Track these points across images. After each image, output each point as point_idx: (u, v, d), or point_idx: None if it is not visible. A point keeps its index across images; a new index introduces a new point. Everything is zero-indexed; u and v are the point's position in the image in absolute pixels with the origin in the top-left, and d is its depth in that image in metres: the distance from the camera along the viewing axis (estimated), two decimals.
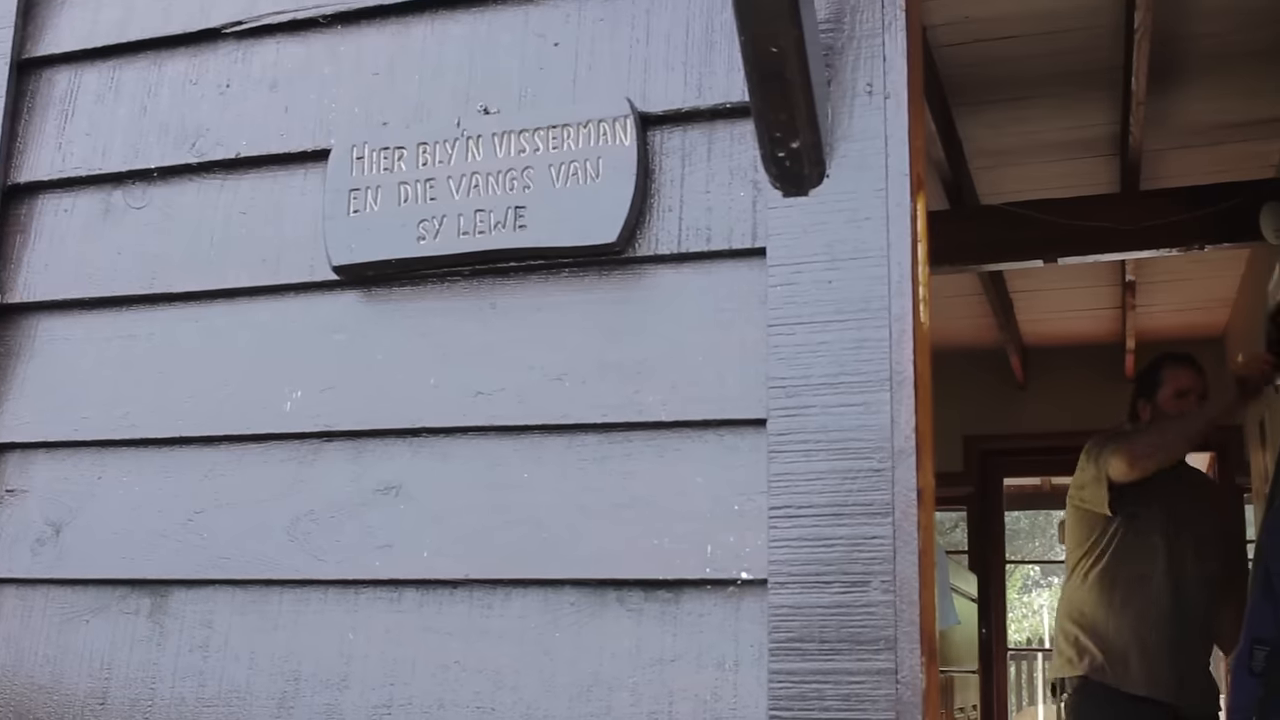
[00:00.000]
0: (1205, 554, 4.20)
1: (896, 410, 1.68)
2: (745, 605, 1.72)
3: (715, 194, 1.84)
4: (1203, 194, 5.26)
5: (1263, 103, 4.86)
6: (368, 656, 1.87)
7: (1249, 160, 5.46)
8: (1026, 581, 18.34)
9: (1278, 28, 4.44)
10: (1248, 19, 4.41)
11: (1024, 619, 17.81)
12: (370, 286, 1.99)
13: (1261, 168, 5.49)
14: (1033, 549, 15.51)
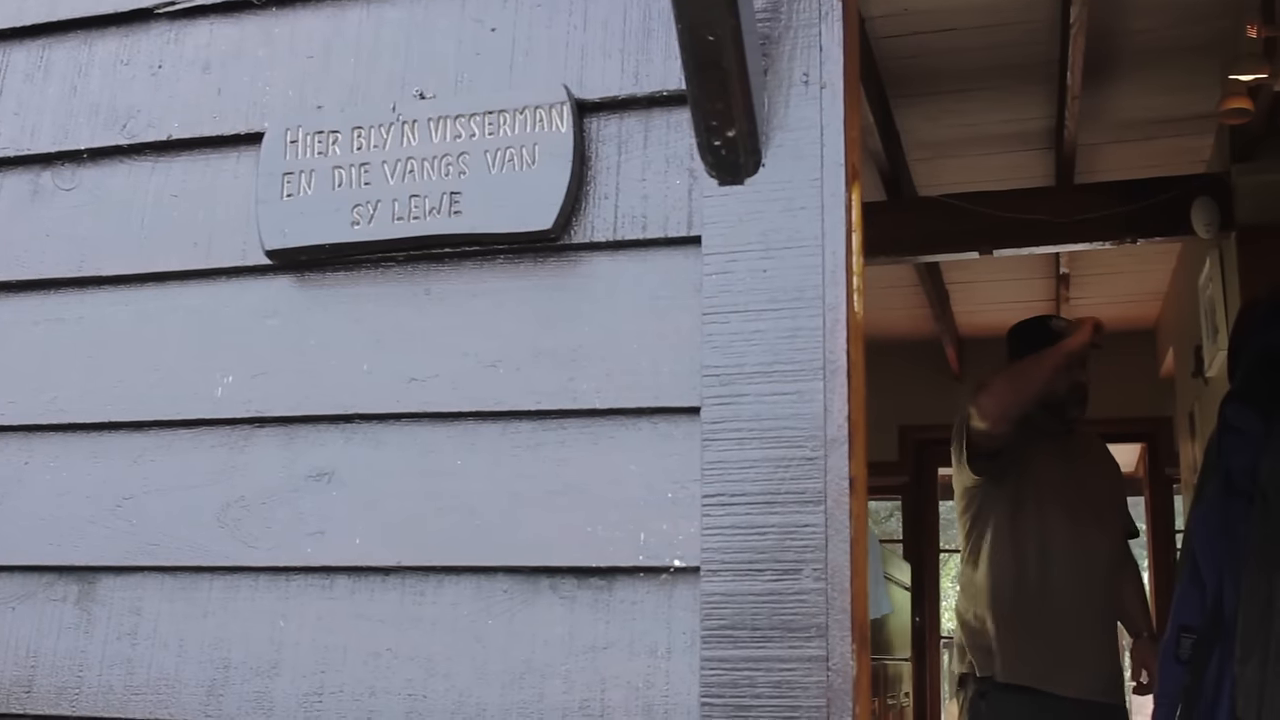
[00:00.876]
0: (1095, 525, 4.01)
1: (830, 399, 1.68)
2: (678, 593, 1.72)
3: (651, 182, 1.84)
4: (1136, 188, 5.33)
5: (1195, 98, 4.92)
6: (299, 644, 1.86)
7: (1181, 155, 5.53)
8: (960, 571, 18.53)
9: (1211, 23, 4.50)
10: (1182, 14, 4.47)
11: None
12: (303, 271, 1.97)
13: (1193, 163, 5.57)
14: None
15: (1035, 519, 3.93)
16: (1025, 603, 3.90)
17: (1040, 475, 3.98)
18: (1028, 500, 3.96)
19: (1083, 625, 3.90)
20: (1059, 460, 4.02)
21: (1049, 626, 3.87)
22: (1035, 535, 3.93)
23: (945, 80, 4.94)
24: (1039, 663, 3.85)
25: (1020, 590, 3.90)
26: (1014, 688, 3.86)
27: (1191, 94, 4.95)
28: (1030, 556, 3.92)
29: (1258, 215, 4.88)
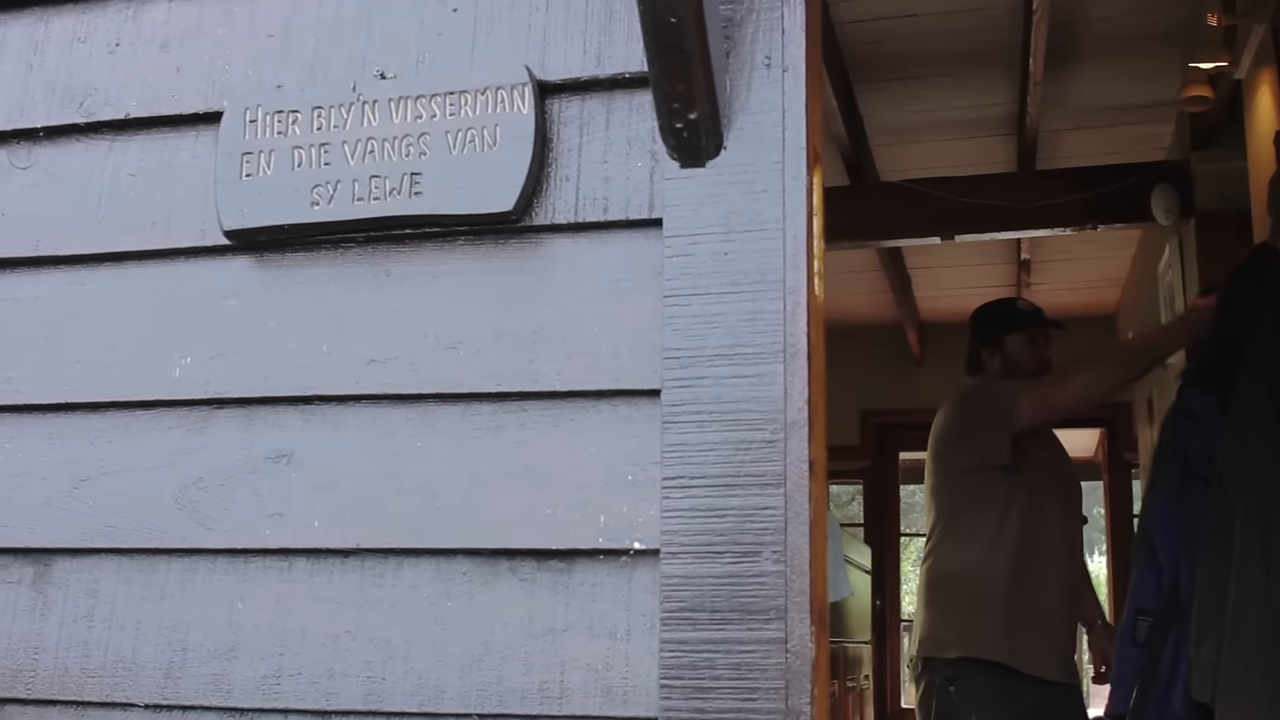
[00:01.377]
0: (1075, 510, 4.01)
1: (790, 382, 1.68)
2: (637, 575, 1.72)
3: (613, 164, 1.83)
4: (1097, 175, 5.36)
5: (1156, 85, 4.95)
6: (257, 626, 1.85)
7: (1142, 142, 5.56)
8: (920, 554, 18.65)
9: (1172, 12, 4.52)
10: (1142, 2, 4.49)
11: None
12: (263, 252, 1.96)
13: (1154, 150, 5.60)
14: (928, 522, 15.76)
15: (1039, 504, 3.89)
16: (1024, 584, 3.84)
17: (1039, 460, 3.94)
18: (1032, 485, 3.90)
19: (1068, 609, 3.91)
20: (1044, 445, 4.01)
21: (1042, 608, 3.83)
22: (1039, 520, 3.89)
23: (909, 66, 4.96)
24: (1026, 643, 3.80)
25: (1021, 572, 3.85)
26: (990, 665, 3.80)
27: (1152, 81, 4.98)
28: (1034, 540, 3.87)
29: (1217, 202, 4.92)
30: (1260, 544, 2.76)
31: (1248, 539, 2.79)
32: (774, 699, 1.63)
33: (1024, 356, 3.98)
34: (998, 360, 4.04)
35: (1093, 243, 6.79)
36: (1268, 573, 2.73)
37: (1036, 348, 3.99)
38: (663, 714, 1.66)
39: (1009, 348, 4.00)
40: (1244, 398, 2.92)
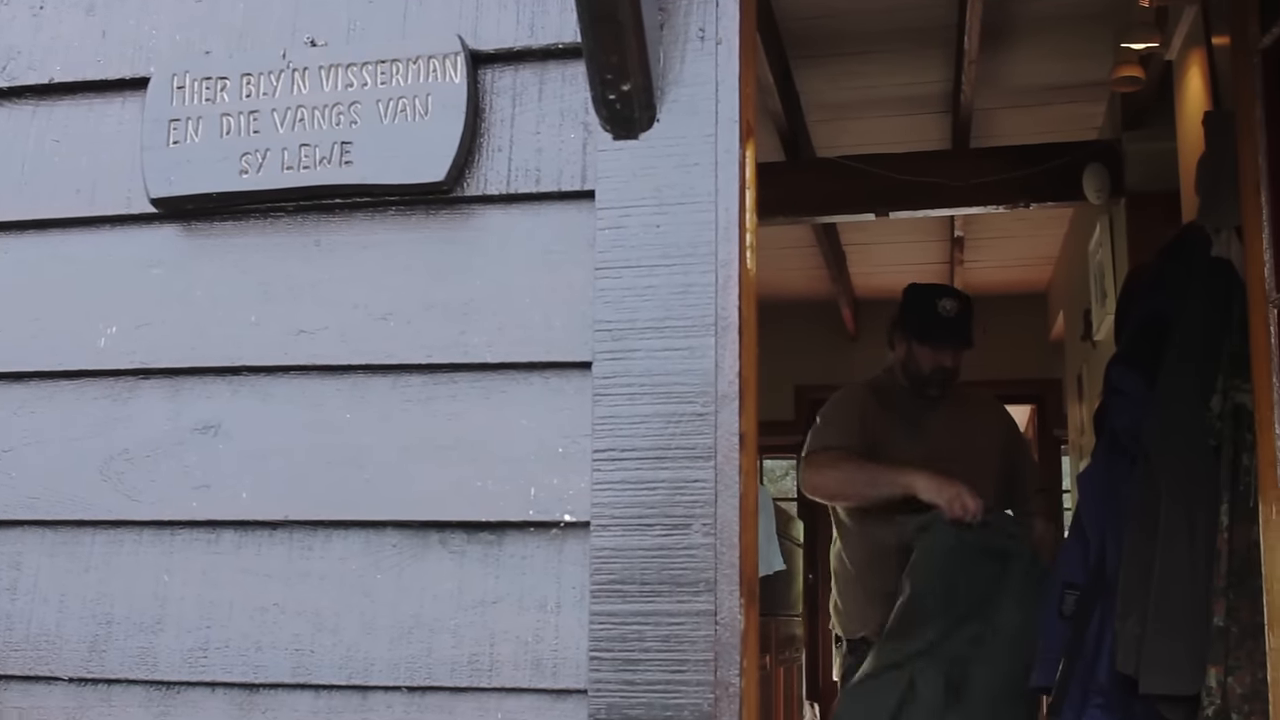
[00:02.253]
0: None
1: (721, 355, 1.69)
2: (568, 547, 1.72)
3: (546, 135, 1.82)
4: (1030, 153, 5.39)
5: (1089, 65, 4.98)
6: (184, 599, 1.84)
7: (1075, 122, 5.60)
8: None
9: None
10: None
11: None
12: (190, 220, 1.93)
13: (1086, 129, 5.64)
14: None
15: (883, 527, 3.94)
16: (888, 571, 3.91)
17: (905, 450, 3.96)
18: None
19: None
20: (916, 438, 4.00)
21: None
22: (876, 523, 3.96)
23: (845, 42, 4.96)
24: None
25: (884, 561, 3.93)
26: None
27: (1085, 61, 5.01)
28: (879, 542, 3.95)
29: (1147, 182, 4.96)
30: (1184, 519, 2.80)
31: (1172, 514, 2.83)
32: (703, 671, 1.64)
33: (924, 362, 4.01)
34: (903, 350, 4.08)
35: (1025, 221, 6.84)
36: (1191, 547, 2.78)
37: (940, 358, 4.00)
38: (592, 686, 1.66)
39: (915, 349, 4.03)
40: (1170, 375, 2.96)
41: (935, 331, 3.98)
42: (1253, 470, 2.48)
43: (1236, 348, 2.67)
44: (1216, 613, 2.66)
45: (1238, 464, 2.69)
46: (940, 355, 3.99)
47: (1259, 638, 2.42)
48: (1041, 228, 7.11)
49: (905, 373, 4.07)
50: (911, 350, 4.03)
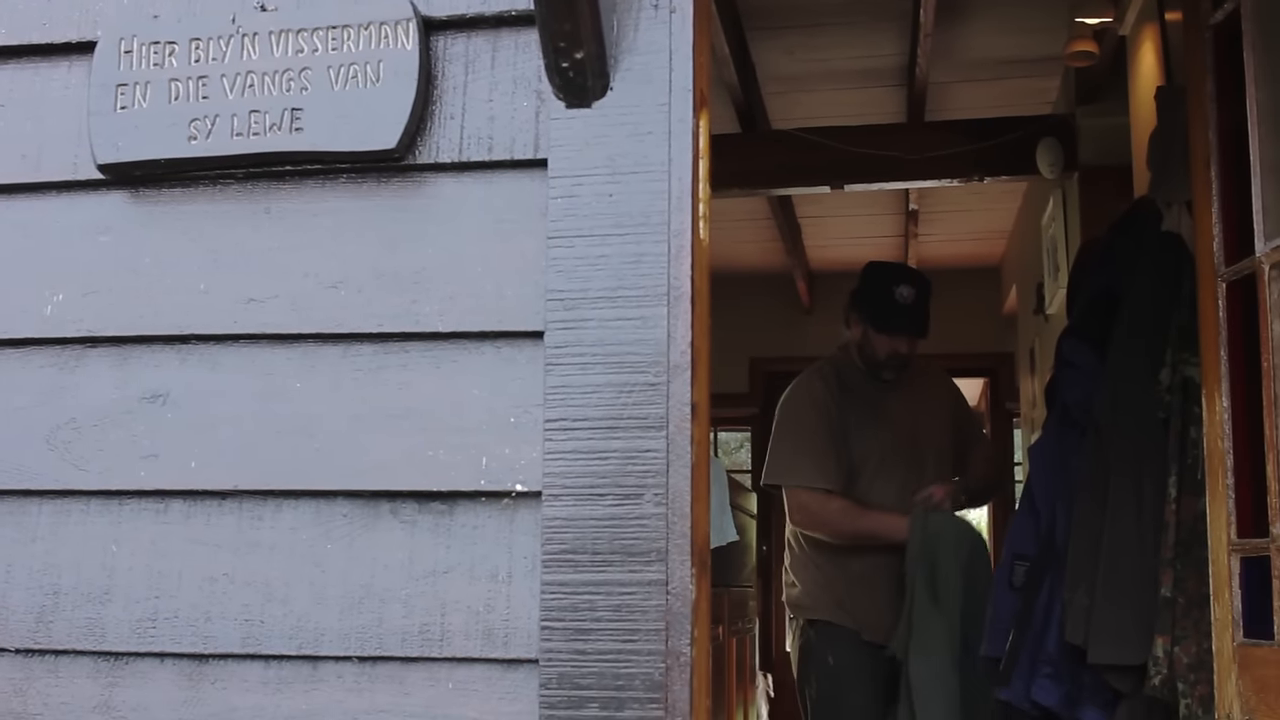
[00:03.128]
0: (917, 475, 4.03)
1: (673, 325, 1.68)
2: (519, 517, 1.72)
3: (498, 103, 1.81)
4: (984, 127, 5.40)
5: (1043, 40, 4.99)
6: (132, 569, 1.82)
7: (1029, 96, 5.62)
8: None
9: None
10: None
11: None
12: (138, 187, 1.91)
13: (1040, 104, 5.66)
14: None
15: (867, 480, 4.01)
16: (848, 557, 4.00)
17: (868, 437, 4.03)
18: (859, 463, 4.01)
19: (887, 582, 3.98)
20: (878, 424, 4.04)
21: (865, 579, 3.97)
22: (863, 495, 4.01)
23: (801, 14, 4.95)
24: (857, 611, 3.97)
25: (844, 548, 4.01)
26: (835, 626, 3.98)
27: (1039, 36, 5.02)
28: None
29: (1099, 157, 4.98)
30: (1133, 491, 2.83)
31: (1121, 486, 2.85)
32: (654, 640, 1.64)
33: (880, 347, 4.03)
34: (859, 333, 4.09)
35: (979, 194, 6.87)
36: (1139, 519, 2.80)
37: (895, 345, 4.02)
38: (543, 655, 1.67)
39: (870, 335, 4.04)
40: (1120, 349, 2.98)
41: (892, 319, 3.99)
42: (1200, 443, 2.51)
43: (1185, 322, 2.69)
44: (1163, 583, 2.69)
45: (1185, 437, 2.72)
46: (896, 342, 4.01)
47: (1205, 608, 2.44)
48: (995, 201, 7.14)
49: (861, 355, 4.09)
50: (867, 335, 4.04)
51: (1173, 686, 2.62)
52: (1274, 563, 2.12)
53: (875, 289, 4.05)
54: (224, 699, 1.78)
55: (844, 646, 3.96)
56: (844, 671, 3.95)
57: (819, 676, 4.01)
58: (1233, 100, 2.35)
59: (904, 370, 4.09)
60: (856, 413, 4.03)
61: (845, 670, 3.95)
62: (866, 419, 4.03)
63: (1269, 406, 2.16)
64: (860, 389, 4.08)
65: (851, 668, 3.94)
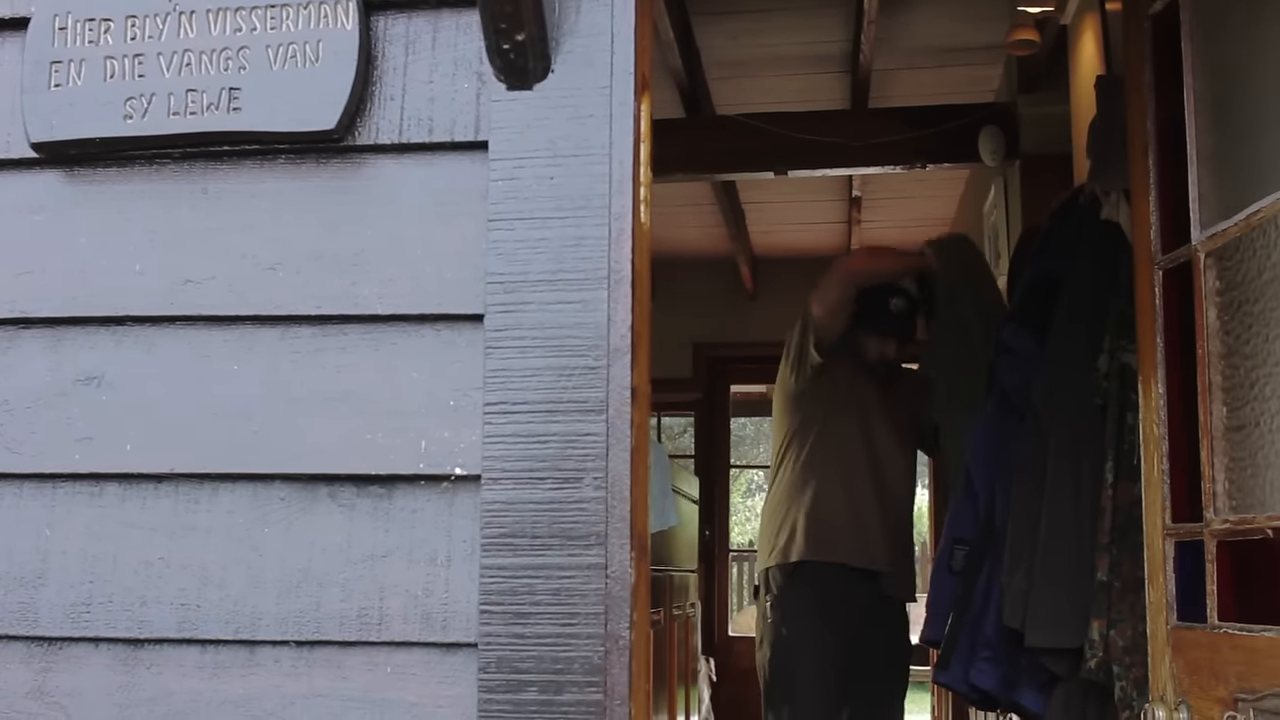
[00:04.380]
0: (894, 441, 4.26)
1: (613, 309, 1.68)
2: (459, 501, 1.71)
3: (439, 84, 1.80)
4: (927, 115, 5.43)
5: (986, 28, 5.02)
6: (66, 553, 1.80)
7: (971, 84, 5.65)
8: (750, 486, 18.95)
9: None
10: None
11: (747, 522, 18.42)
12: (73, 166, 1.88)
13: (982, 92, 5.69)
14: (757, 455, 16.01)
15: (848, 430, 4.16)
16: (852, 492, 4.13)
17: (854, 393, 4.19)
18: (840, 411, 4.17)
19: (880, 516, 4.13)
20: (875, 392, 4.23)
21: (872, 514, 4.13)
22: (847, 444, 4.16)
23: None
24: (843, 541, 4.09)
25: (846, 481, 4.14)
26: (822, 564, 4.07)
27: (982, 24, 5.04)
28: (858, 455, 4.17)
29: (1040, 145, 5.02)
30: (1070, 476, 2.86)
31: (1059, 471, 2.88)
32: (593, 624, 1.64)
33: (869, 348, 4.24)
34: (856, 339, 4.25)
35: (922, 182, 6.90)
36: (1076, 504, 2.83)
37: (884, 348, 4.24)
38: (482, 639, 1.66)
39: (861, 335, 4.22)
40: (1060, 334, 3.01)
41: (884, 328, 4.21)
42: (1136, 429, 2.53)
43: (1123, 309, 2.71)
44: (1100, 568, 2.72)
45: (1122, 422, 2.75)
46: (886, 348, 4.24)
47: (1140, 592, 2.47)
48: (938, 189, 7.18)
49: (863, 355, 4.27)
50: (859, 337, 4.22)
51: (1108, 669, 2.65)
52: (1207, 547, 2.15)
53: (867, 303, 4.22)
54: (160, 684, 1.76)
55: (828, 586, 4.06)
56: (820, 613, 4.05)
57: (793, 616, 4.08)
58: (1171, 90, 2.37)
59: (889, 377, 4.30)
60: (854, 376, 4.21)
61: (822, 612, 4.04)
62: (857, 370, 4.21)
63: (1204, 393, 2.19)
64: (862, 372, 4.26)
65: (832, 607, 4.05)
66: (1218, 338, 2.18)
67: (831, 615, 4.03)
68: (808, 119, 5.53)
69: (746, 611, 12.52)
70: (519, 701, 1.64)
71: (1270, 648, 1.95)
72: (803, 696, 4.03)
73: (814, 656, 4.02)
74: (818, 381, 4.15)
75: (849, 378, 4.19)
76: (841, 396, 4.17)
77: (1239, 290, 2.17)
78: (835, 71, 5.61)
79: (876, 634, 4.11)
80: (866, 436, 4.18)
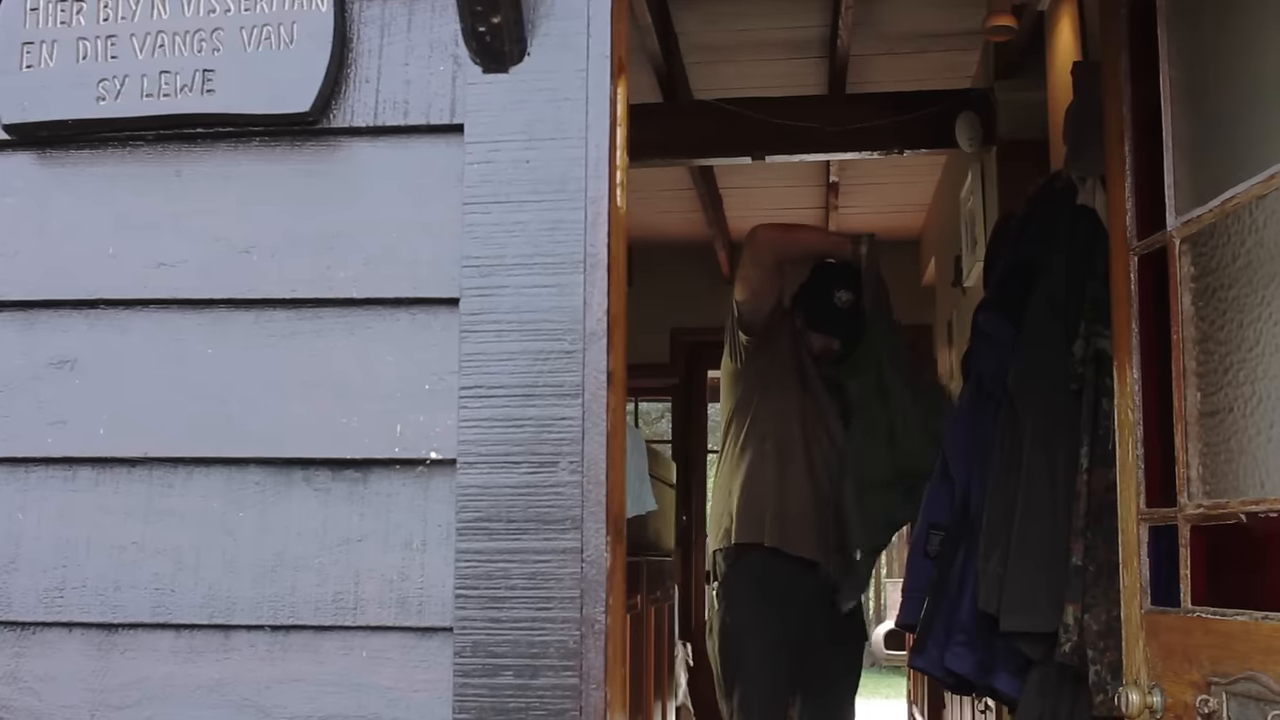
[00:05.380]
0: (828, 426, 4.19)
1: (589, 293, 1.68)
2: (434, 485, 1.71)
3: (414, 67, 1.79)
4: (904, 100, 5.43)
5: (964, 14, 5.02)
6: (39, 538, 1.79)
7: (949, 70, 5.65)
8: None
9: None
10: None
11: None
12: (45, 148, 1.87)
13: (960, 78, 5.70)
14: None
15: (784, 408, 4.11)
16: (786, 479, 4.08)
17: (792, 371, 4.16)
18: (775, 389, 4.13)
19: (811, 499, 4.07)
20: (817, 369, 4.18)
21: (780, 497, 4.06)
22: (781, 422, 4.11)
23: None
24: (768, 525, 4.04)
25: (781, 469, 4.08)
26: (754, 546, 4.04)
27: (960, 10, 5.04)
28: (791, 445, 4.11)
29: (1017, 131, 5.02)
30: (1046, 462, 2.87)
31: (1034, 456, 2.89)
32: (569, 608, 1.64)
33: (814, 343, 4.22)
34: (801, 322, 4.24)
35: (899, 168, 6.91)
36: (1052, 489, 2.84)
37: (828, 345, 4.20)
38: (458, 624, 1.66)
39: (806, 331, 4.22)
40: (1035, 321, 3.02)
41: (824, 320, 4.18)
42: (1111, 414, 2.54)
43: (1099, 295, 2.72)
44: (1074, 552, 2.73)
45: (1098, 408, 2.76)
46: (829, 342, 4.19)
47: (1114, 576, 2.48)
48: (915, 175, 7.19)
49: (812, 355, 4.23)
50: (804, 329, 4.20)
51: (1083, 653, 2.66)
52: (1181, 532, 2.16)
53: (810, 295, 4.20)
54: (134, 669, 1.75)
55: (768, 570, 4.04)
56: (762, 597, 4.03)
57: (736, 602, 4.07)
58: (1147, 76, 2.38)
59: (839, 364, 4.22)
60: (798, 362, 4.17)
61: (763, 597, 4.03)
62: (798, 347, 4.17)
63: (1178, 379, 2.20)
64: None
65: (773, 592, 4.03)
66: (1192, 323, 2.19)
67: (771, 599, 4.00)
68: (785, 104, 5.52)
69: None
70: (495, 686, 1.64)
71: (1243, 632, 1.96)
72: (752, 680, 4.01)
73: (759, 639, 4.00)
74: (755, 359, 4.13)
75: (788, 355, 4.15)
76: (777, 374, 4.12)
77: (1213, 276, 2.17)
78: (813, 57, 5.61)
79: (826, 635, 4.08)
80: (803, 416, 4.11)
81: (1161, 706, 2.15)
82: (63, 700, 1.76)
